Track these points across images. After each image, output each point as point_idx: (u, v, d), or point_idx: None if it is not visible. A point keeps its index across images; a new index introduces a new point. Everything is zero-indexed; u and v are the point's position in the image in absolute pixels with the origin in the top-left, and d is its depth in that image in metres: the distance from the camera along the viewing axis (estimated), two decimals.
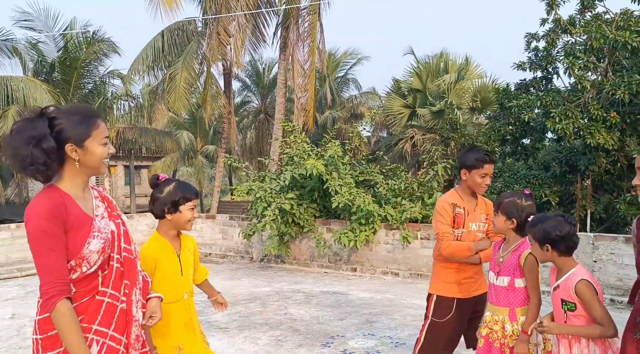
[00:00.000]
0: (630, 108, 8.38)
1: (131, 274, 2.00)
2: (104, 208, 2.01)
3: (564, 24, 9.74)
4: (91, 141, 1.89)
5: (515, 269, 2.76)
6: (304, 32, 15.28)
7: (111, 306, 1.91)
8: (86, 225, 1.87)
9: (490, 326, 2.84)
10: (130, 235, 2.07)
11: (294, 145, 9.29)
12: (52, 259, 1.77)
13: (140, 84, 19.03)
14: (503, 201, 2.82)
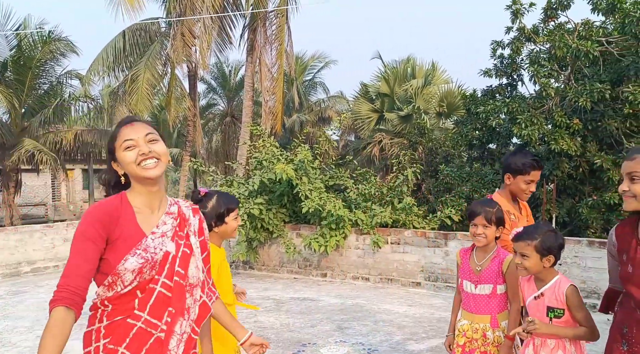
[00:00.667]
0: (591, 115, 8.64)
1: (179, 302, 1.79)
2: (172, 226, 1.83)
3: (528, 33, 9.97)
4: (118, 151, 1.79)
5: (497, 276, 2.77)
6: (272, 35, 15.16)
7: (144, 332, 1.73)
8: (133, 241, 1.73)
9: (468, 335, 2.83)
10: (193, 259, 1.85)
11: (262, 149, 9.14)
12: (75, 263, 1.65)
13: (100, 85, 18.42)
14: (494, 211, 2.80)
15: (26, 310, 6.59)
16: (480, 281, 2.80)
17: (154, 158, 1.76)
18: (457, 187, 9.90)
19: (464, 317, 2.89)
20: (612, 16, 9.34)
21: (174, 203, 1.91)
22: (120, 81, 16.27)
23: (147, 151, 1.75)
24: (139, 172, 1.76)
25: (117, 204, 1.76)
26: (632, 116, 8.21)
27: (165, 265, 1.76)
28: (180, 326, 1.78)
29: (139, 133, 1.78)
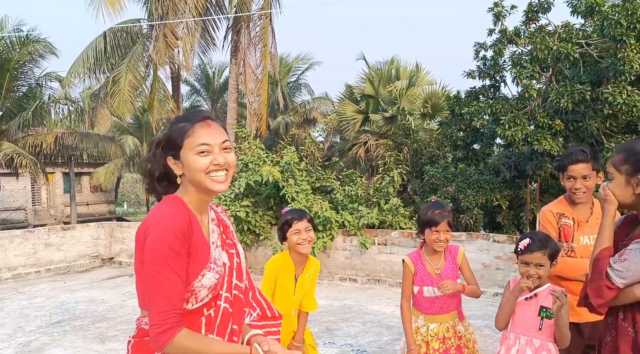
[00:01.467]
0: (572, 116, 8.79)
1: (240, 318, 1.65)
2: (219, 234, 1.67)
3: (510, 35, 10.10)
4: (187, 152, 1.57)
5: (455, 271, 2.91)
6: (256, 37, 15.11)
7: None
8: (204, 254, 1.56)
9: (440, 336, 2.86)
10: (244, 269, 1.71)
11: (248, 151, 9.10)
12: (172, 284, 1.47)
13: (81, 87, 18.16)
14: (451, 214, 2.93)
15: (7, 317, 6.44)
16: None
17: (225, 170, 1.59)
18: (443, 188, 9.99)
19: (430, 321, 2.88)
20: (591, 19, 9.52)
21: (211, 208, 1.74)
22: (102, 83, 16.07)
23: (222, 162, 1.57)
24: (207, 183, 1.57)
25: (186, 212, 1.56)
26: (611, 117, 8.37)
27: (224, 278, 1.61)
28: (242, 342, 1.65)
29: (217, 138, 1.58)
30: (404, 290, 2.95)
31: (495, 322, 2.67)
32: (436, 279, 2.84)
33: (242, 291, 1.66)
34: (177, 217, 1.53)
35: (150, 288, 1.48)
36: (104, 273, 9.44)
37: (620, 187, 1.81)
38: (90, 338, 5.54)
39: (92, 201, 29.39)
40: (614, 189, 1.87)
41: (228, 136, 1.66)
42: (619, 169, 1.81)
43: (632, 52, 7.94)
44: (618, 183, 1.82)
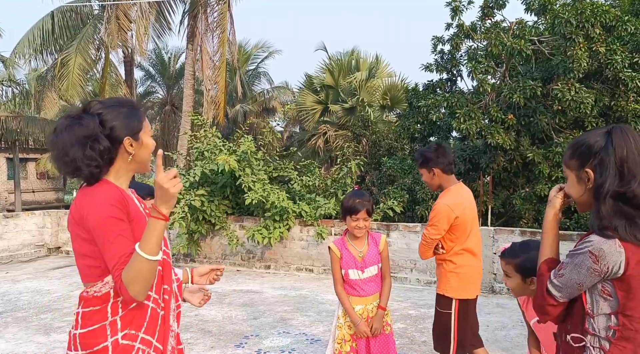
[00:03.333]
0: (524, 111, 9.05)
1: (169, 278, 1.80)
2: (143, 208, 1.83)
3: (467, 30, 10.28)
4: (144, 134, 1.77)
5: (377, 256, 3.10)
6: (213, 22, 14.75)
7: (154, 312, 1.72)
8: (142, 222, 1.70)
9: (365, 316, 3.06)
10: (166, 237, 1.82)
11: (204, 139, 8.90)
12: (123, 244, 1.59)
13: (26, 68, 17.27)
14: (371, 203, 3.07)
15: None
16: (365, 266, 3.05)
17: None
18: (400, 180, 10.11)
19: (356, 303, 3.06)
20: (544, 16, 9.82)
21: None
22: (49, 65, 15.33)
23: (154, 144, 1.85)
24: (148, 163, 1.82)
25: (117, 189, 1.70)
26: (560, 113, 8.67)
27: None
28: (174, 301, 1.81)
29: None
30: (334, 274, 3.13)
31: None
32: (360, 263, 3.04)
33: (167, 253, 1.82)
34: (109, 192, 1.67)
35: (107, 259, 1.60)
36: (50, 262, 9.05)
37: (574, 185, 1.72)
38: (33, 329, 5.30)
39: (39, 188, 28.12)
40: (568, 189, 1.75)
41: None
42: (569, 167, 1.72)
43: (581, 51, 8.23)
44: (571, 182, 1.72)
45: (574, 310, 1.69)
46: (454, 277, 3.30)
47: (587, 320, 1.65)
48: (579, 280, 1.61)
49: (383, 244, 3.11)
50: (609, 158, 1.61)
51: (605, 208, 1.60)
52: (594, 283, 1.61)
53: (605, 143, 1.63)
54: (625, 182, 1.59)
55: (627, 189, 1.59)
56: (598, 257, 1.57)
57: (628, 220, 1.57)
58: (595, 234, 1.60)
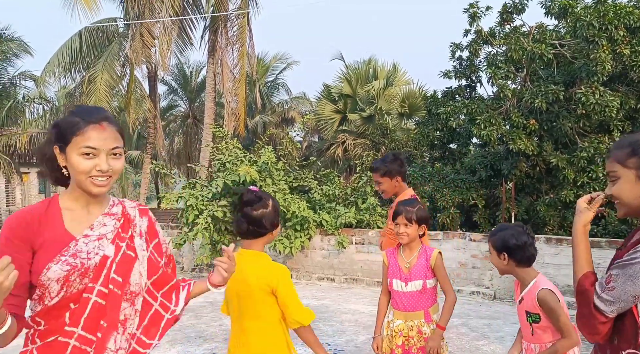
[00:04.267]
0: (547, 116, 8.94)
1: (113, 313, 1.58)
2: (113, 228, 1.65)
3: (485, 36, 10.24)
4: (72, 149, 1.56)
5: (426, 271, 2.88)
6: (233, 36, 15.03)
7: (79, 351, 1.53)
8: (58, 246, 1.55)
9: (405, 334, 2.87)
10: (137, 266, 1.65)
11: (225, 151, 9.03)
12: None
13: (56, 86, 17.86)
14: (414, 210, 2.91)
15: None
16: (410, 279, 2.88)
17: (107, 177, 1.60)
18: (420, 187, 10.06)
19: (396, 317, 2.92)
20: (565, 20, 9.71)
21: (117, 203, 1.73)
22: (77, 82, 15.80)
23: (105, 169, 1.58)
24: (86, 185, 1.59)
25: (38, 210, 1.59)
26: (584, 117, 8.53)
27: (102, 271, 1.58)
28: (114, 341, 1.58)
29: (107, 144, 1.58)
30: (382, 283, 3.04)
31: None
32: (405, 274, 2.89)
33: (119, 285, 1.60)
34: (17, 217, 1.57)
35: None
36: None
37: (630, 186, 1.55)
38: None
39: None
40: (621, 190, 1.59)
41: (122, 142, 1.65)
42: (625, 165, 1.55)
43: (604, 53, 8.10)
44: (627, 181, 1.55)
45: (624, 325, 1.56)
46: None
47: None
48: (634, 292, 1.49)
49: (434, 259, 2.89)
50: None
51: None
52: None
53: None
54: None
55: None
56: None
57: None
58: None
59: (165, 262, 1.81)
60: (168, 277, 1.77)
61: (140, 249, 1.68)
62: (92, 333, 1.55)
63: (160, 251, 1.78)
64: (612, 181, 1.63)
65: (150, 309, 1.70)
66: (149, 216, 1.79)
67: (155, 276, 1.71)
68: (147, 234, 1.74)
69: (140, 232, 1.72)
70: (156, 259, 1.75)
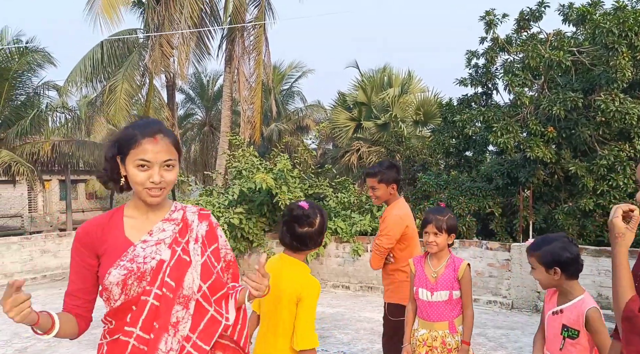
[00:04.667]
0: (565, 123, 8.85)
1: (165, 315, 1.65)
2: (172, 233, 1.73)
3: (502, 43, 10.19)
4: (130, 161, 1.67)
5: (452, 282, 2.84)
6: (250, 45, 15.20)
7: (137, 350, 1.64)
8: (118, 252, 1.67)
9: (429, 344, 2.83)
10: (191, 270, 1.70)
11: (241, 159, 9.12)
12: (70, 281, 1.73)
13: (78, 95, 18.25)
14: (444, 219, 2.84)
15: (3, 324, 6.40)
16: (436, 288, 2.83)
17: (161, 188, 1.68)
18: (435, 195, 10.01)
19: (421, 326, 2.89)
20: (583, 27, 9.64)
21: (179, 209, 1.80)
22: (98, 92, 16.12)
23: (157, 181, 1.66)
24: (143, 195, 1.69)
25: (104, 219, 1.74)
26: (604, 124, 8.43)
27: (158, 275, 1.66)
28: (165, 343, 1.64)
29: (160, 157, 1.66)
30: (409, 290, 3.02)
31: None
32: (431, 284, 2.84)
33: (172, 289, 1.67)
34: (83, 227, 1.74)
35: None
36: None
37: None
38: (84, 344, 5.52)
39: (88, 208, 29.31)
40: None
41: (175, 154, 1.71)
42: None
43: (624, 60, 8.02)
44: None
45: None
46: (407, 285, 3.34)
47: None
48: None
49: (463, 271, 2.82)
50: None
51: None
52: None
53: None
54: None
55: None
56: None
57: None
58: None
59: (223, 267, 1.82)
60: (220, 284, 1.79)
61: (195, 254, 1.73)
62: (147, 333, 1.65)
63: (218, 256, 1.81)
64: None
65: (206, 313, 1.73)
66: (210, 221, 1.84)
67: (209, 281, 1.74)
68: (205, 238, 1.79)
69: (196, 237, 1.77)
70: (213, 264, 1.78)
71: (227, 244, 1.88)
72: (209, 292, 1.74)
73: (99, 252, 1.68)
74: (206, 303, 1.73)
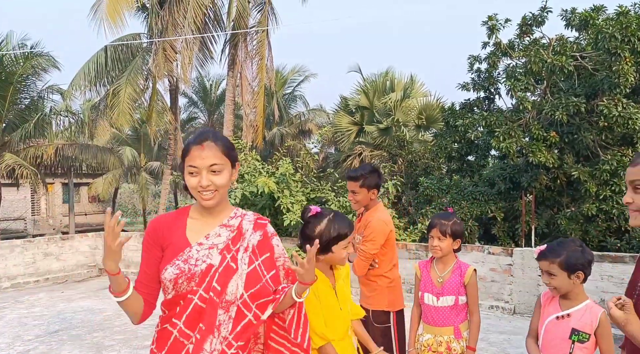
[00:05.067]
0: (567, 128, 8.85)
1: (211, 318, 1.76)
2: (226, 239, 1.84)
3: (504, 48, 10.21)
4: (184, 168, 1.83)
5: (459, 287, 2.82)
6: (253, 50, 15.26)
7: (178, 342, 1.78)
8: (177, 250, 1.81)
9: (434, 349, 2.83)
10: (235, 277, 1.79)
11: (244, 162, 9.14)
12: (140, 270, 1.87)
13: (81, 99, 18.33)
14: (449, 224, 2.82)
15: (6, 326, 6.43)
16: (442, 293, 2.82)
17: (212, 191, 1.79)
18: (437, 199, 10.01)
19: (426, 331, 2.88)
20: (585, 32, 9.65)
21: (238, 216, 1.90)
22: (102, 96, 16.19)
23: (205, 185, 1.78)
24: (198, 199, 1.82)
25: (172, 216, 1.90)
26: (607, 129, 8.42)
27: (206, 278, 1.77)
28: (210, 343, 1.76)
29: (206, 162, 1.78)
30: (414, 295, 3.01)
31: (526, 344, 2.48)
32: (437, 289, 2.83)
33: (217, 293, 1.77)
34: (153, 221, 1.90)
35: None
36: (102, 282, 9.41)
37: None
38: (86, 347, 5.53)
39: (90, 211, 29.38)
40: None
41: (224, 158, 1.81)
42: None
43: (627, 65, 8.02)
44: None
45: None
46: (390, 291, 3.35)
47: None
48: None
49: (469, 276, 2.81)
50: None
51: None
52: None
53: None
54: None
55: None
56: None
57: None
58: None
59: (275, 274, 1.87)
60: (266, 292, 1.84)
61: (242, 263, 1.83)
62: (191, 329, 1.77)
63: (271, 266, 1.88)
64: (637, 189, 1.59)
65: (244, 318, 1.81)
66: (265, 231, 1.92)
67: (253, 289, 1.81)
68: (256, 247, 1.87)
69: (247, 246, 1.86)
70: (262, 273, 1.85)
71: (284, 252, 1.95)
72: (250, 299, 1.81)
73: (163, 246, 1.83)
74: (245, 309, 1.81)
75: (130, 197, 33.62)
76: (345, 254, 2.33)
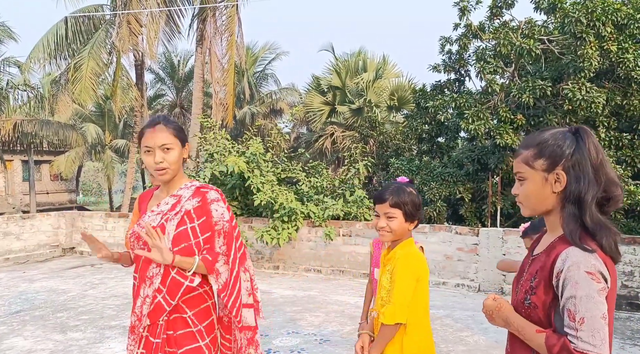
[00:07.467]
0: (534, 111, 9.03)
1: (144, 271, 2.18)
2: (170, 205, 2.16)
3: (475, 30, 10.28)
4: (142, 149, 2.15)
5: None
6: (222, 26, 14.88)
7: (135, 287, 2.23)
8: (140, 217, 2.24)
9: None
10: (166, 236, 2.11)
11: (213, 141, 8.98)
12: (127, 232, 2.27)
13: (41, 73, 17.59)
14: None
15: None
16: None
17: (164, 168, 2.11)
18: None
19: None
20: (553, 16, 9.78)
21: (189, 187, 2.19)
22: (63, 70, 15.57)
23: (158, 161, 2.09)
24: (154, 175, 2.14)
25: (150, 191, 2.31)
26: (571, 112, 8.63)
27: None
28: (143, 290, 2.16)
29: (157, 141, 2.09)
30: (369, 272, 3.04)
31: None
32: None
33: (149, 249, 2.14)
34: (143, 193, 2.37)
35: None
36: (65, 262, 9.19)
37: (537, 187, 1.48)
38: (50, 327, 5.40)
39: (52, 190, 28.50)
40: (528, 191, 1.51)
41: (174, 138, 2.12)
42: (532, 166, 1.49)
43: (592, 49, 8.19)
44: (533, 183, 1.49)
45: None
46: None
47: None
48: (601, 311, 1.34)
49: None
50: (585, 161, 1.44)
51: (591, 217, 1.40)
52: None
53: (577, 144, 1.46)
54: (606, 188, 1.43)
55: (612, 195, 1.42)
56: (594, 274, 1.35)
57: (608, 229, 1.40)
58: (576, 248, 1.38)
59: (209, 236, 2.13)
60: (192, 251, 2.13)
61: (171, 225, 2.13)
62: (140, 280, 2.20)
63: (205, 228, 2.14)
64: (519, 181, 1.54)
65: (169, 274, 2.12)
66: (204, 197, 2.16)
67: (178, 247, 2.11)
68: (193, 212, 2.14)
69: (179, 210, 2.14)
70: (195, 234, 2.13)
71: (223, 217, 2.16)
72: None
73: (140, 214, 2.25)
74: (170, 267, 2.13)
75: (95, 175, 32.77)
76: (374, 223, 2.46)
